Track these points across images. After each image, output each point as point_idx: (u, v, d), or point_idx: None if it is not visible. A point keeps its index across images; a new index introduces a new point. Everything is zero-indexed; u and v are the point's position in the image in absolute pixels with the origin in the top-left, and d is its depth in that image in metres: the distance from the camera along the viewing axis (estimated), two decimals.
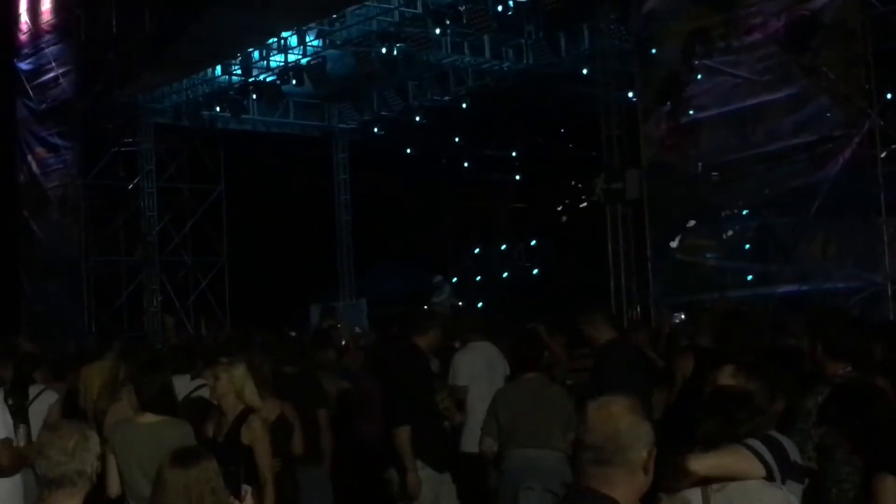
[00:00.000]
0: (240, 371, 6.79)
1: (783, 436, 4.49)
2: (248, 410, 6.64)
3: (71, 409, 9.53)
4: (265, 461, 6.46)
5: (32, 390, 8.64)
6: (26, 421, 8.00)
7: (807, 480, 4.62)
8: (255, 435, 6.51)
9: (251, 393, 6.76)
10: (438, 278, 20.43)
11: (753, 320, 8.84)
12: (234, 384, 6.71)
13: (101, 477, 5.05)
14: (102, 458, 4.50)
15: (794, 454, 4.39)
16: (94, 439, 4.29)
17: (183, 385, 7.68)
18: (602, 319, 7.88)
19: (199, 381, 7.81)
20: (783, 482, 4.22)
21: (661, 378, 8.51)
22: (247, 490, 5.57)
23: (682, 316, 13.99)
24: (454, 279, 24.28)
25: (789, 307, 13.02)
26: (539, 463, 7.41)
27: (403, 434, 7.31)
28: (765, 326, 9.28)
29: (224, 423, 6.71)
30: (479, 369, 8.81)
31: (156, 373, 6.80)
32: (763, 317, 10.90)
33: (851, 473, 5.03)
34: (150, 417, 6.48)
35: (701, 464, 4.07)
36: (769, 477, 4.16)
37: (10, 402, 8.34)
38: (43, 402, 8.40)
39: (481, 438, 7.76)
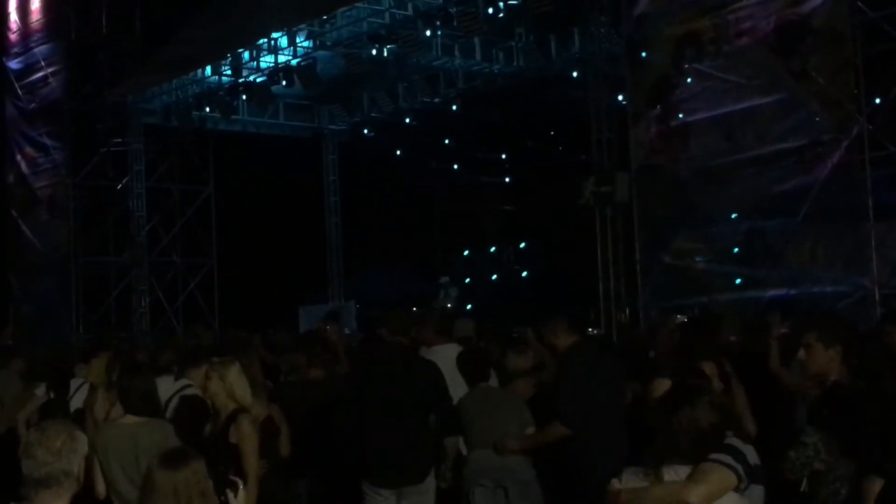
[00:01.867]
0: (232, 371, 6.78)
1: (742, 443, 4.54)
2: (239, 410, 6.64)
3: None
4: (251, 461, 6.46)
5: (73, 384, 8.85)
6: (67, 414, 8.13)
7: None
8: (243, 434, 6.51)
9: (243, 393, 6.75)
10: (444, 279, 20.35)
11: (712, 326, 8.90)
12: (226, 383, 6.70)
13: (88, 477, 5.04)
14: (88, 459, 4.48)
15: (752, 458, 4.47)
16: (82, 439, 4.27)
17: (167, 386, 7.68)
18: (562, 325, 7.73)
19: (183, 382, 7.80)
20: (747, 486, 4.39)
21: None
22: (240, 483, 5.48)
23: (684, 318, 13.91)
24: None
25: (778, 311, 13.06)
26: (493, 461, 7.59)
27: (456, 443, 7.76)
28: (738, 330, 9.32)
29: (216, 421, 6.71)
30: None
31: (139, 376, 6.81)
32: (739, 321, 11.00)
33: (842, 475, 5.06)
34: (131, 419, 6.49)
35: (697, 494, 4.20)
36: (738, 486, 4.33)
37: (52, 395, 8.59)
38: (82, 396, 8.53)
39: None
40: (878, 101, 13.65)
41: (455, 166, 25.45)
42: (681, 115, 14.98)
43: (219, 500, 4.71)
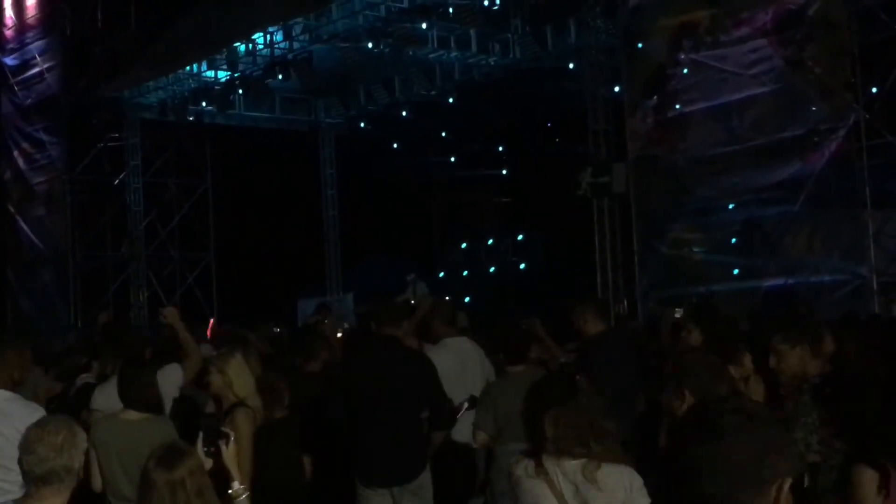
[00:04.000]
0: (231, 364, 6.72)
1: None
2: (237, 405, 6.60)
3: None
4: (244, 456, 6.42)
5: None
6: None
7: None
8: (236, 429, 6.47)
9: (242, 386, 6.68)
10: (412, 276, 20.20)
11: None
12: (225, 377, 6.65)
13: (86, 472, 5.03)
14: (86, 454, 4.47)
15: None
16: (82, 435, 4.27)
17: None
18: (593, 311, 7.91)
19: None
20: None
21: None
22: (231, 434, 5.39)
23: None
24: (441, 273, 24.28)
25: (774, 301, 13.09)
26: None
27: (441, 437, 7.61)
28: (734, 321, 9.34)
29: (218, 411, 6.69)
30: (449, 366, 8.50)
31: (139, 369, 6.75)
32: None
33: (837, 465, 5.04)
34: (132, 415, 6.44)
35: None
36: None
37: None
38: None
39: (475, 433, 7.67)
40: (874, 89, 13.65)
41: (452, 158, 25.43)
42: (678, 106, 14.98)
43: (210, 451, 4.74)
